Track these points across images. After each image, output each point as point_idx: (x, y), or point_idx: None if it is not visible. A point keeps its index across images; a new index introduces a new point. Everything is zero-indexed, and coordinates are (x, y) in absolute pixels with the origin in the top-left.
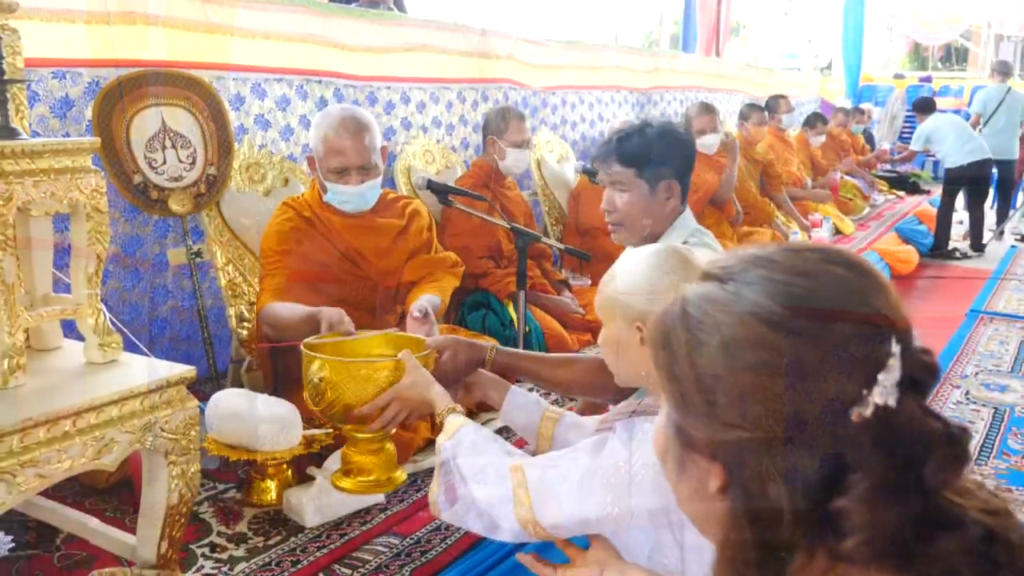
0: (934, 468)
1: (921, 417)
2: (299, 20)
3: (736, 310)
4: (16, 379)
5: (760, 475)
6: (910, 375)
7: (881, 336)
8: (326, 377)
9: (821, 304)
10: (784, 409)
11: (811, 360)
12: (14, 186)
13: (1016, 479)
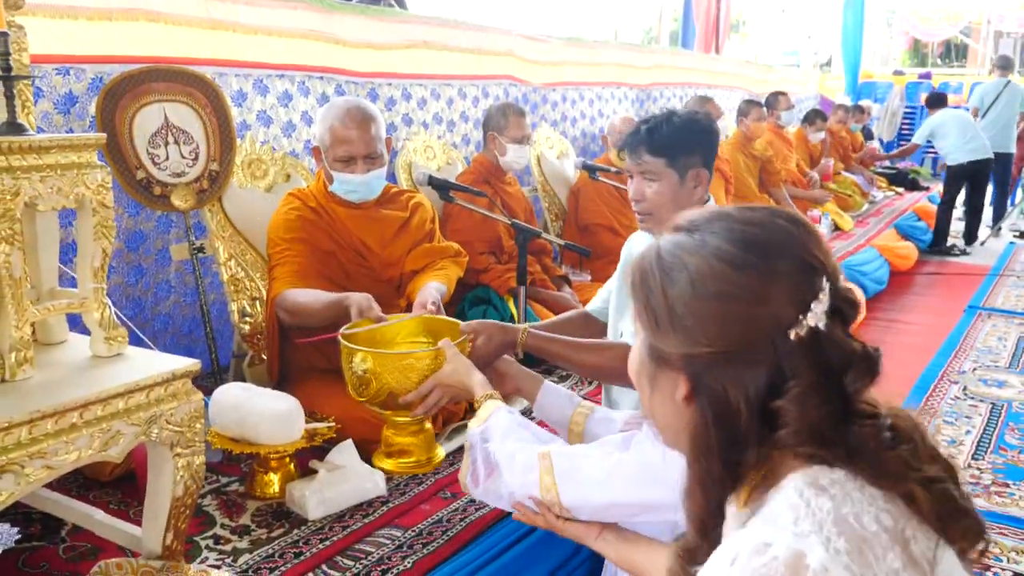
0: (852, 377)
1: (844, 339)
2: (301, 16)
3: (702, 252)
4: (23, 372)
5: (719, 382)
6: (837, 307)
7: (814, 274)
8: (370, 368)
9: (768, 247)
10: (738, 329)
11: (760, 291)
12: (21, 181)
13: (1013, 473)
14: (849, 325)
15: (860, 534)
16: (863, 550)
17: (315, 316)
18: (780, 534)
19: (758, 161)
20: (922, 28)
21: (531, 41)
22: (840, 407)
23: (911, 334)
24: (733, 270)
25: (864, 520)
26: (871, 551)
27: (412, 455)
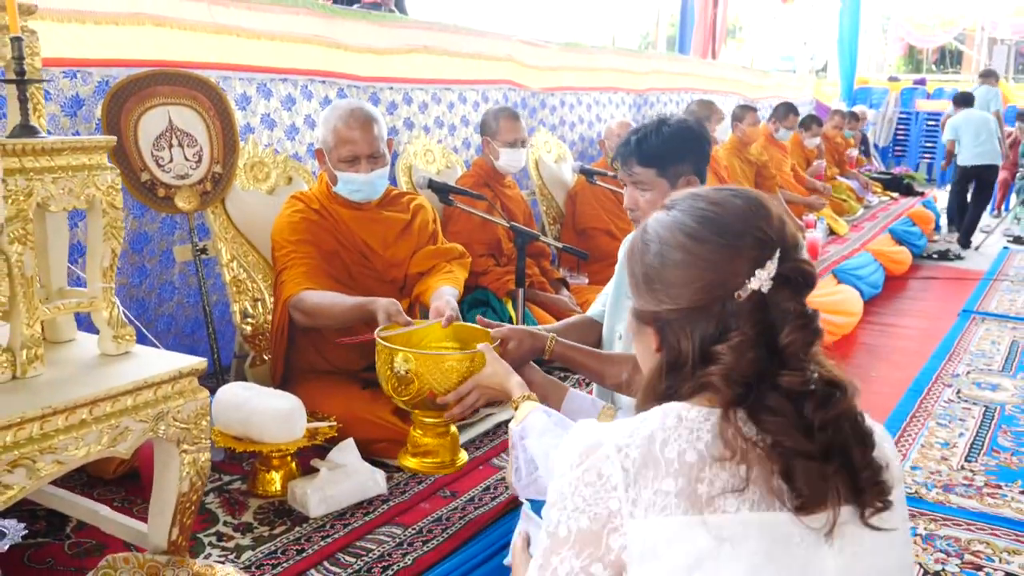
0: (786, 334)
1: (786, 302)
2: (303, 21)
3: (671, 226)
4: (34, 369)
5: (675, 335)
6: (786, 275)
7: (765, 246)
8: (412, 369)
9: (724, 223)
10: (695, 291)
11: (715, 259)
12: (34, 182)
13: (1005, 475)
14: (800, 292)
15: (655, 456)
16: (647, 464)
17: (337, 318)
18: (609, 433)
19: (753, 166)
20: (917, 35)
21: (530, 46)
22: (769, 359)
23: (906, 338)
24: (693, 242)
25: (667, 449)
26: (653, 469)
27: (437, 456)
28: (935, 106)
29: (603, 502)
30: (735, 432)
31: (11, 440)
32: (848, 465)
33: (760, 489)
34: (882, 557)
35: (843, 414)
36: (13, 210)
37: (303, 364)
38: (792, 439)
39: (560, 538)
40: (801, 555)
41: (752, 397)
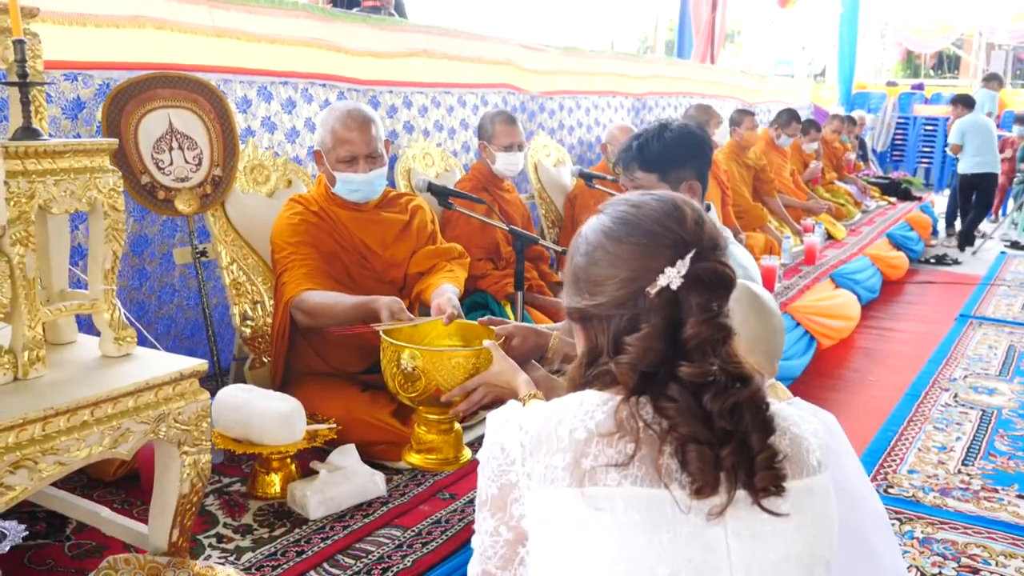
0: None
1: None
2: (303, 25)
3: (595, 228)
4: (36, 371)
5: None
6: (697, 275)
7: (678, 247)
8: (419, 366)
9: (641, 225)
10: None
11: (630, 259)
12: (36, 185)
13: (1002, 479)
14: (712, 291)
15: (549, 433)
16: (542, 441)
17: (339, 317)
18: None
19: (752, 170)
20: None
21: (529, 50)
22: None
23: (903, 342)
24: (612, 242)
25: (560, 428)
26: (546, 444)
27: (441, 452)
28: (933, 111)
29: (505, 474)
30: (630, 414)
31: (13, 441)
32: (746, 450)
33: (646, 467)
34: (787, 541)
35: (742, 402)
36: (15, 212)
37: (302, 366)
38: (688, 425)
39: (482, 500)
40: (684, 532)
41: (655, 387)
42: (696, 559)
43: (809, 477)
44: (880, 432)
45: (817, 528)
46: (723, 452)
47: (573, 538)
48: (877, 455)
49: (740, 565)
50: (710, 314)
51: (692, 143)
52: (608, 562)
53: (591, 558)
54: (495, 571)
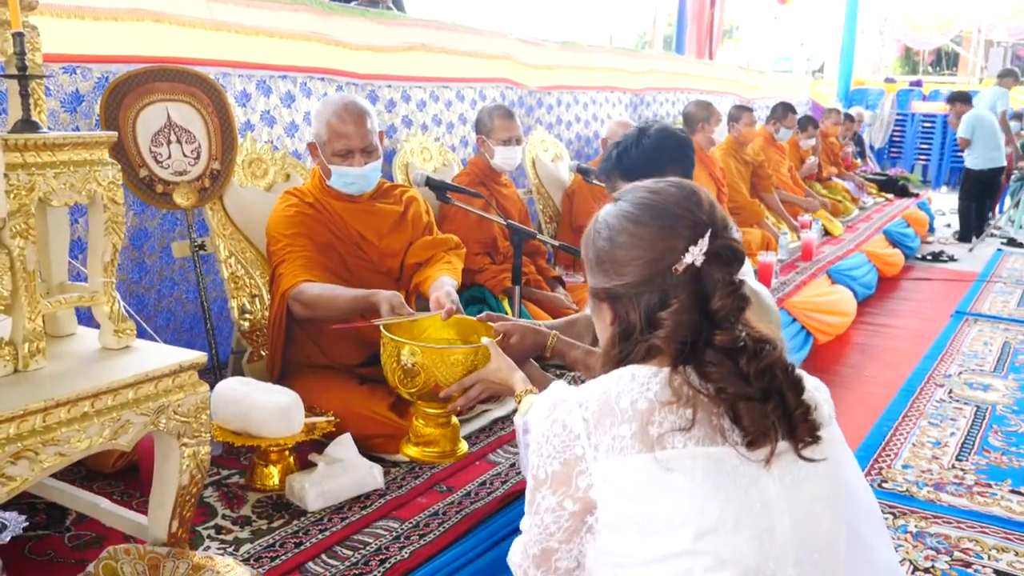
0: (716, 299)
1: (717, 274)
2: (301, 18)
3: (617, 214)
4: (36, 362)
5: (624, 308)
6: (716, 252)
7: (697, 227)
8: (419, 362)
9: (662, 209)
10: (639, 267)
11: (654, 240)
12: (36, 177)
13: (995, 474)
14: (729, 266)
15: (610, 407)
16: (604, 415)
17: (339, 309)
18: (572, 392)
19: (749, 166)
20: (914, 36)
21: (527, 45)
22: (703, 322)
23: (899, 338)
24: (636, 226)
25: (621, 401)
26: (610, 418)
27: (439, 445)
28: (931, 108)
29: (570, 449)
30: (683, 381)
31: (14, 432)
32: (783, 406)
33: (704, 428)
34: (816, 484)
35: (774, 363)
36: (15, 205)
37: (301, 358)
38: (734, 385)
39: (540, 479)
40: (743, 482)
41: (693, 355)
42: (755, 505)
43: (825, 428)
44: (875, 427)
45: (837, 471)
46: (768, 407)
47: (647, 499)
48: (872, 450)
49: (786, 508)
50: (733, 286)
51: (672, 146)
52: (682, 515)
53: (667, 514)
54: (557, 546)
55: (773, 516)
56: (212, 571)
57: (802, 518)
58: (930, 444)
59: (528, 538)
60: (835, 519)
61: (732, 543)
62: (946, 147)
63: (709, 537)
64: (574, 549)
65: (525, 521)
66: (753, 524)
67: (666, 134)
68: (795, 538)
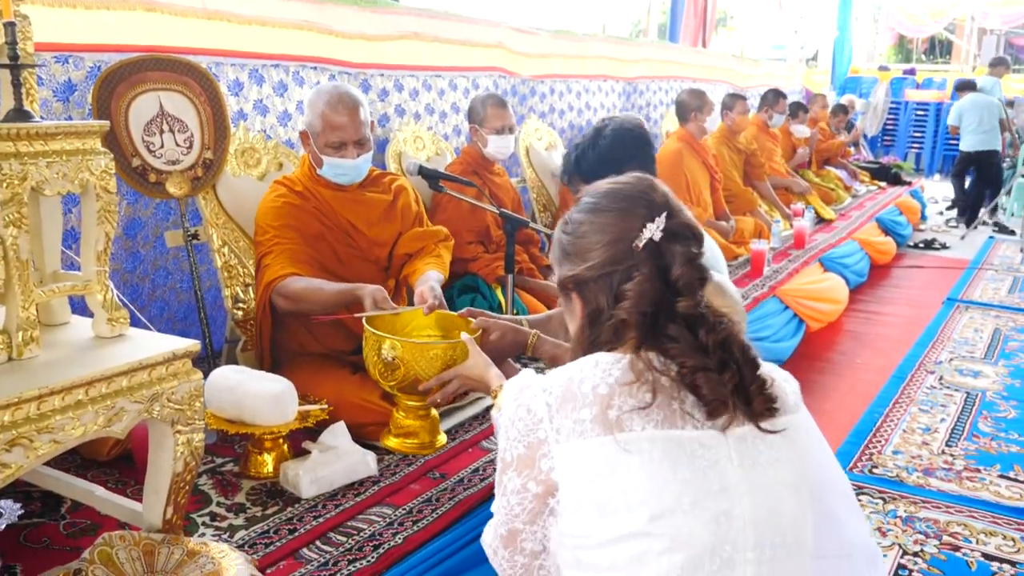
0: (676, 268)
1: (674, 248)
2: (294, 7)
3: (580, 206)
4: (30, 351)
5: (594, 290)
6: (673, 230)
7: (654, 209)
8: (399, 356)
9: (619, 194)
10: (602, 250)
11: (614, 223)
12: (28, 167)
13: (984, 459)
14: (687, 240)
15: (572, 392)
16: (567, 399)
17: (321, 304)
18: (538, 378)
19: (742, 154)
20: (907, 24)
21: (520, 33)
22: (666, 291)
23: (891, 325)
24: (596, 213)
25: (583, 386)
26: (571, 402)
27: (418, 437)
28: (924, 96)
29: (533, 432)
30: (645, 364)
31: (9, 420)
32: (740, 377)
33: (664, 411)
34: (780, 470)
35: (730, 337)
36: (8, 194)
37: (294, 346)
38: (693, 358)
39: (507, 462)
40: (702, 465)
41: (656, 330)
42: (713, 487)
43: (791, 415)
44: (866, 414)
45: (803, 458)
46: (725, 377)
47: (606, 480)
48: (863, 436)
49: (746, 491)
50: (691, 256)
51: (628, 143)
52: (639, 496)
53: (623, 495)
54: (521, 527)
55: (732, 499)
56: (207, 557)
57: (763, 502)
58: (920, 430)
59: (497, 519)
60: (800, 505)
61: (688, 524)
62: (939, 135)
63: (665, 518)
64: (538, 532)
65: (495, 503)
66: (711, 506)
67: (622, 132)
68: (755, 520)
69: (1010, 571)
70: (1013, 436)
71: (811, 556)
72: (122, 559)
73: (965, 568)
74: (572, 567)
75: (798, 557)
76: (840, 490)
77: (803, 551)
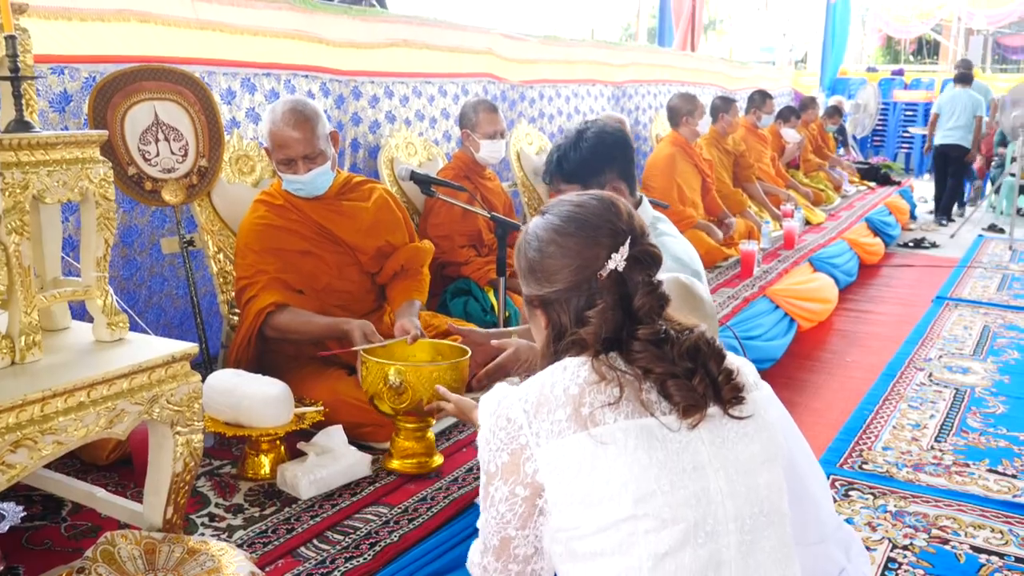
0: (638, 298)
1: (637, 276)
2: (285, 17)
3: (544, 226)
4: (32, 355)
5: (556, 312)
6: (636, 257)
7: (618, 236)
8: (405, 380)
9: (585, 220)
10: (567, 274)
11: (579, 249)
12: (30, 176)
13: (973, 454)
14: (648, 268)
15: (546, 396)
16: (542, 404)
17: (309, 336)
18: (513, 389)
19: (731, 156)
20: (895, 25)
21: (509, 39)
22: (627, 319)
23: (880, 324)
24: (562, 237)
25: (555, 389)
26: (546, 405)
27: (417, 457)
28: (913, 96)
29: (515, 439)
30: (607, 366)
31: (13, 421)
32: (708, 376)
33: (633, 403)
34: (748, 445)
35: (696, 341)
36: (10, 202)
37: (289, 349)
38: (662, 366)
39: (492, 472)
40: (674, 447)
41: (620, 345)
42: (688, 467)
43: (751, 392)
44: (856, 411)
45: (768, 431)
46: (695, 382)
47: (588, 474)
48: (853, 433)
49: (719, 467)
50: (652, 287)
51: (609, 144)
52: (620, 483)
53: (606, 485)
54: (514, 533)
55: (707, 476)
56: (207, 555)
57: (736, 477)
58: (910, 426)
59: (486, 532)
60: (773, 475)
61: (671, 504)
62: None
63: (648, 500)
64: (530, 535)
65: (481, 519)
66: (688, 484)
67: (602, 135)
68: (731, 494)
69: (998, 563)
70: (1002, 431)
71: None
72: (124, 557)
73: (954, 561)
74: (567, 559)
75: (779, 526)
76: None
77: (783, 520)
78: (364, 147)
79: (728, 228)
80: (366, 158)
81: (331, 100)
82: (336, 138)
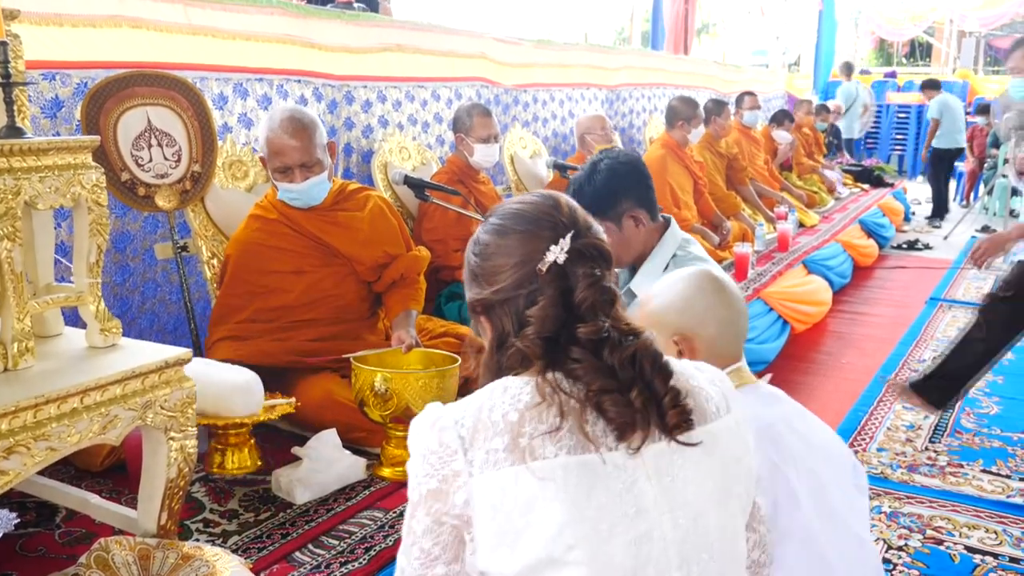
0: (578, 292)
1: (579, 270)
2: (277, 21)
3: (486, 227)
4: (25, 361)
5: (499, 315)
6: (579, 250)
7: (559, 229)
8: (391, 387)
9: (524, 216)
10: (507, 274)
11: (518, 246)
12: (22, 182)
13: (967, 455)
14: (594, 262)
15: (483, 421)
16: (479, 429)
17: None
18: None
19: (724, 158)
20: (887, 28)
21: (502, 44)
22: (568, 316)
23: (875, 325)
24: (500, 236)
25: (493, 414)
26: (483, 432)
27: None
28: (906, 98)
29: (447, 466)
30: (552, 387)
31: (6, 428)
32: (649, 392)
33: (576, 436)
34: (702, 484)
35: (638, 351)
36: (2, 208)
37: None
38: (598, 380)
39: (415, 501)
40: (617, 487)
41: (559, 353)
42: (630, 511)
43: (711, 423)
44: (851, 413)
45: (726, 468)
46: (632, 395)
47: (522, 511)
48: (848, 435)
49: (666, 509)
50: (594, 279)
51: (623, 175)
52: (557, 526)
53: (541, 524)
54: (443, 571)
55: (651, 520)
56: (201, 560)
57: (684, 521)
58: (904, 428)
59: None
60: (727, 514)
61: (606, 551)
62: (921, 137)
63: (582, 546)
64: (460, 571)
65: (403, 556)
66: (628, 530)
67: (615, 165)
68: (678, 540)
69: (992, 563)
70: (995, 432)
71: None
72: (118, 563)
73: (948, 561)
74: None
75: (731, 569)
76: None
77: (736, 562)
78: (357, 152)
79: (724, 233)
80: (359, 163)
81: (324, 105)
82: (333, 149)
